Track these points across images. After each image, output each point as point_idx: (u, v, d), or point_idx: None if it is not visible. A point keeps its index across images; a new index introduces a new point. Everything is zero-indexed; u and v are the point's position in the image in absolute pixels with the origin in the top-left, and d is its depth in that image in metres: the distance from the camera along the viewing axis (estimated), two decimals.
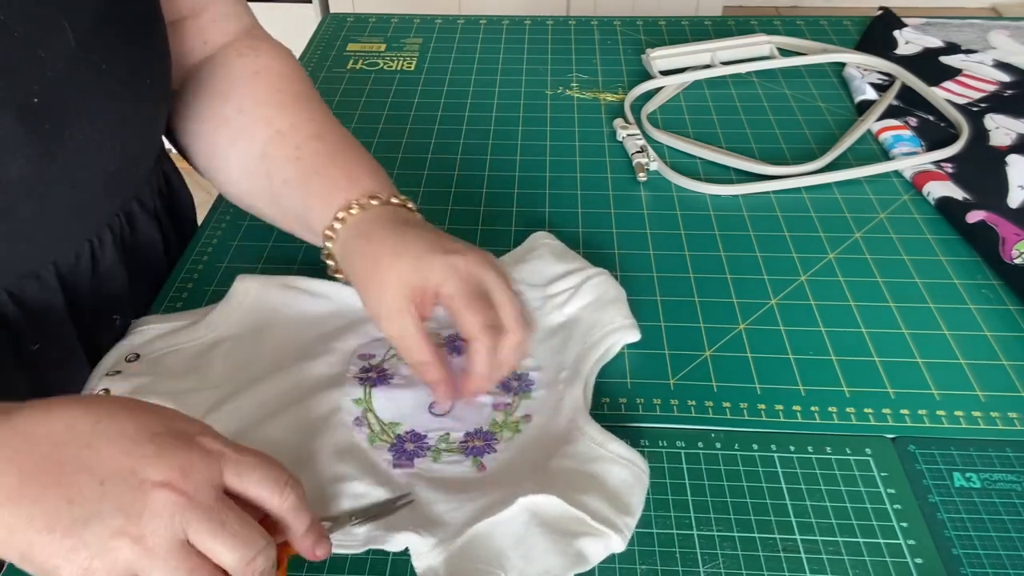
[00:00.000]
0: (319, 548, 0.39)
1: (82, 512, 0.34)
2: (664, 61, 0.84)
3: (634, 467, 0.45)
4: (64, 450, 0.35)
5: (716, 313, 0.57)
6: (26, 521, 0.34)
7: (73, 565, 0.34)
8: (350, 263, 0.50)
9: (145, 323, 0.56)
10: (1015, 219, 0.62)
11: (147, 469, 0.35)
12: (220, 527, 0.35)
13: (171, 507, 0.34)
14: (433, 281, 0.45)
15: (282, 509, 0.38)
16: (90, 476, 0.34)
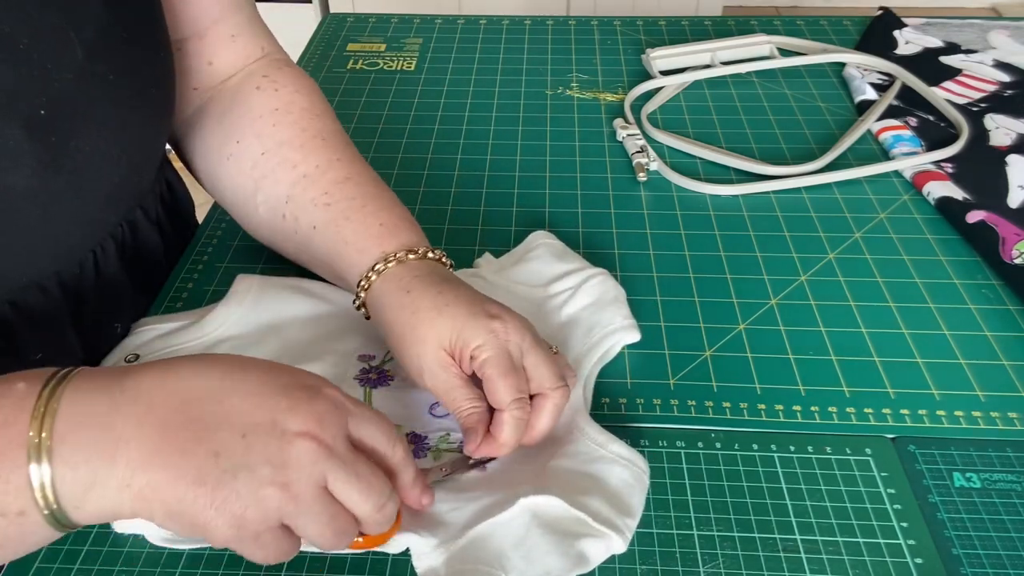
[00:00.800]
0: (425, 497, 0.42)
1: (230, 464, 0.35)
2: (664, 61, 0.84)
3: (634, 467, 0.45)
4: (198, 406, 0.36)
5: (716, 313, 0.57)
6: (173, 478, 0.35)
7: (226, 515, 0.35)
8: (385, 314, 0.49)
9: (145, 323, 0.56)
10: (1015, 219, 0.62)
11: (287, 421, 0.36)
12: (356, 476, 0.37)
13: (313, 456, 0.36)
14: (473, 345, 0.45)
15: (395, 459, 0.40)
16: (231, 430, 0.36)
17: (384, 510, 0.38)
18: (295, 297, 0.56)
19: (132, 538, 0.44)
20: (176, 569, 0.43)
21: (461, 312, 0.45)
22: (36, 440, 0.34)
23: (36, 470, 0.34)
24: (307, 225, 0.54)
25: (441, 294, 0.47)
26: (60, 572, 0.43)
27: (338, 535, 0.37)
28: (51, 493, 0.34)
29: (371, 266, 0.50)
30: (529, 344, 0.45)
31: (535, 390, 0.45)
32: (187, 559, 0.43)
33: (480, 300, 0.47)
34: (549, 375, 0.45)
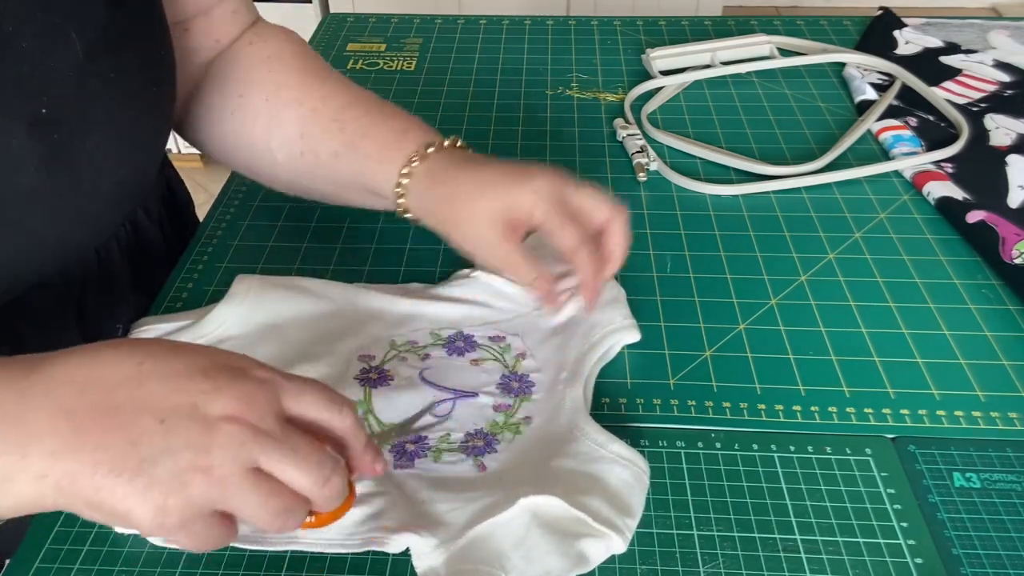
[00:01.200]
0: (377, 463, 0.40)
1: (148, 452, 0.34)
2: (664, 61, 0.84)
3: (635, 468, 0.45)
4: (115, 393, 0.35)
5: (716, 313, 0.57)
6: (90, 467, 0.33)
7: (147, 505, 0.34)
8: (430, 210, 0.52)
9: (146, 323, 0.56)
10: (1015, 219, 0.62)
11: (208, 404, 0.35)
12: (291, 452, 0.35)
13: (239, 438, 0.35)
14: (524, 210, 0.48)
15: (343, 427, 0.38)
16: (150, 416, 0.34)
17: (330, 483, 0.36)
18: (295, 297, 0.56)
19: (132, 538, 0.44)
20: (176, 569, 0.43)
21: (501, 183, 0.49)
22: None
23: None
24: (327, 154, 0.56)
25: (478, 173, 0.50)
26: (60, 572, 0.43)
27: (277, 515, 0.36)
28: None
29: (399, 171, 0.53)
30: (571, 189, 0.49)
31: (598, 221, 0.49)
32: (187, 559, 0.43)
33: (512, 169, 0.50)
34: (601, 204, 0.50)
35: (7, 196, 0.43)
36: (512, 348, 0.54)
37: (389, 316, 0.56)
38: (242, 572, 0.43)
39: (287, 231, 0.65)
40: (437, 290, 0.58)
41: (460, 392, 0.51)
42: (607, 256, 0.51)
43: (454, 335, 0.55)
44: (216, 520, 0.36)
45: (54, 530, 0.45)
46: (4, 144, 0.42)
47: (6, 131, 0.42)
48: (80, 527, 0.45)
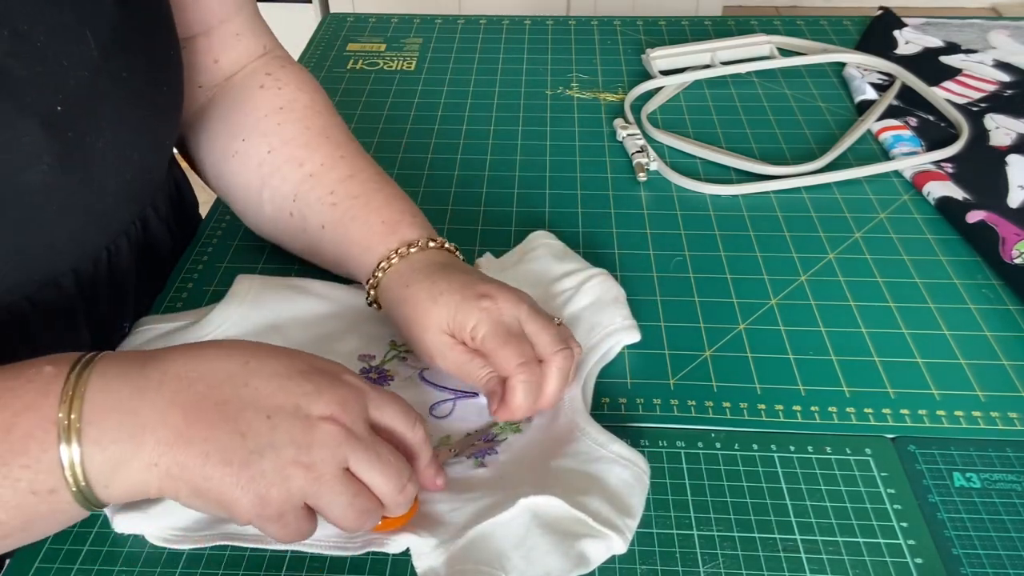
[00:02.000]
0: (439, 478, 0.43)
1: (256, 444, 0.36)
2: (664, 61, 0.84)
3: (635, 468, 0.45)
4: (223, 389, 0.37)
5: (716, 313, 0.57)
6: (201, 457, 0.36)
7: (251, 495, 0.36)
8: (393, 310, 0.51)
9: (146, 323, 0.56)
10: (1015, 219, 0.62)
11: (311, 404, 0.38)
12: (377, 457, 0.38)
13: (336, 438, 0.37)
14: (468, 327, 0.47)
15: (414, 441, 0.41)
16: (256, 412, 0.37)
17: (405, 491, 0.39)
18: (295, 297, 0.56)
19: (132, 538, 0.44)
20: (176, 569, 0.43)
21: (454, 298, 0.47)
22: (65, 422, 0.35)
23: (66, 450, 0.35)
24: (315, 225, 0.56)
25: (435, 284, 0.49)
26: (60, 572, 0.43)
27: (360, 515, 0.38)
28: (80, 472, 0.35)
29: (376, 264, 0.52)
30: (526, 314, 0.47)
31: (541, 355, 0.47)
32: (187, 559, 0.43)
33: (472, 282, 0.48)
34: (549, 340, 0.46)
35: (21, 193, 0.43)
36: None
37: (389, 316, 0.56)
38: (242, 572, 0.43)
39: None
40: None
41: (460, 392, 0.51)
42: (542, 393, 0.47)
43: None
44: (305, 513, 0.38)
45: None
46: (19, 141, 0.42)
47: (21, 128, 0.42)
48: (80, 527, 0.45)
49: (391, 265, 0.51)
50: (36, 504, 0.36)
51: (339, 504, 0.38)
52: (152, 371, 0.38)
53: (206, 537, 0.43)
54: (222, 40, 0.59)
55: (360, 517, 0.38)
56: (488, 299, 0.47)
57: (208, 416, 0.36)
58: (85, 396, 0.36)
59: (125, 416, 0.36)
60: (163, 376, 0.37)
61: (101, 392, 0.36)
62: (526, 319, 0.47)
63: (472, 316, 0.46)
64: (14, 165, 0.42)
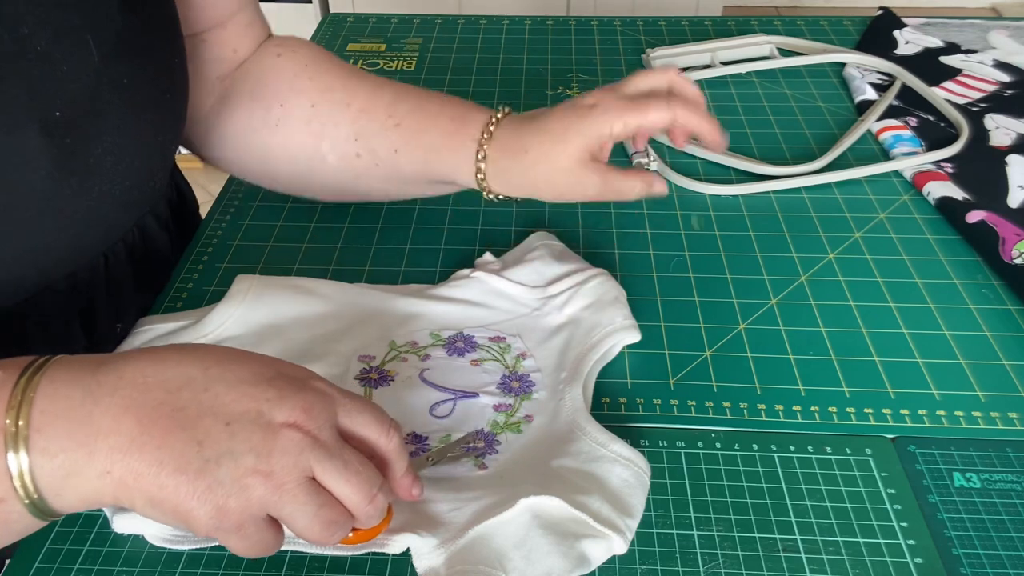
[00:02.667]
0: (415, 488, 0.41)
1: (213, 453, 0.35)
2: (664, 61, 0.84)
3: (635, 467, 0.45)
4: (181, 395, 0.36)
5: (716, 313, 0.57)
6: (156, 466, 0.34)
7: (207, 505, 0.34)
8: (523, 182, 0.53)
9: (147, 323, 0.56)
10: (1015, 219, 0.62)
11: (272, 411, 0.36)
12: (344, 465, 0.36)
13: (299, 446, 0.36)
14: (603, 134, 0.50)
15: (388, 448, 0.39)
16: (215, 419, 0.35)
17: (375, 501, 0.38)
18: (295, 297, 0.56)
19: (132, 538, 0.44)
20: (176, 569, 0.43)
21: (575, 124, 0.50)
22: (13, 429, 0.34)
23: (14, 459, 0.34)
24: (387, 151, 0.56)
25: (548, 129, 0.51)
26: (60, 572, 0.43)
27: (326, 526, 0.36)
28: (30, 481, 0.34)
29: (474, 158, 0.54)
30: (623, 86, 0.52)
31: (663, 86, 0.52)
32: (187, 559, 0.43)
33: (574, 106, 0.51)
34: (655, 76, 0.51)
35: (19, 198, 0.43)
36: (512, 348, 0.54)
37: (389, 316, 0.56)
38: (242, 572, 0.43)
39: (287, 231, 0.65)
40: (437, 290, 0.58)
41: (460, 392, 0.51)
42: (692, 101, 0.51)
43: (454, 336, 0.55)
44: (268, 525, 0.37)
45: (54, 530, 0.45)
46: (18, 146, 0.42)
47: (20, 133, 0.42)
48: (80, 527, 0.45)
49: (488, 150, 0.53)
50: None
51: (303, 514, 0.36)
52: (106, 376, 0.36)
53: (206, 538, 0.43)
54: (237, 30, 0.60)
55: (327, 528, 0.36)
56: (599, 105, 0.50)
57: (164, 422, 0.35)
58: (33, 402, 0.35)
59: (76, 423, 0.35)
60: (118, 381, 0.36)
61: (50, 398, 0.35)
62: (627, 88, 0.51)
63: (604, 122, 0.50)
64: (14, 170, 0.42)
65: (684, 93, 0.51)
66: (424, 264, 0.62)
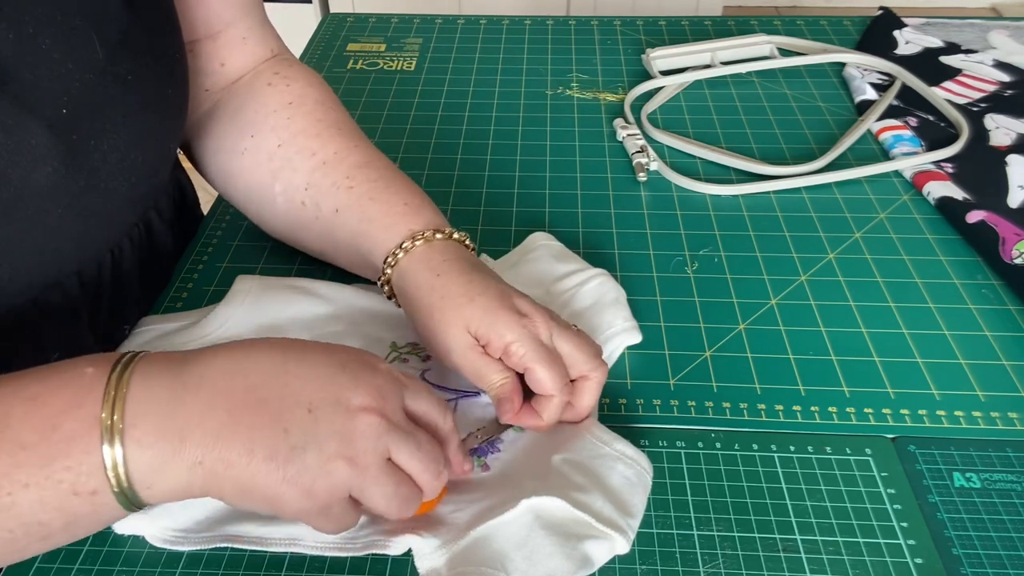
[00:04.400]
0: (467, 463, 0.44)
1: (299, 439, 0.37)
2: (664, 61, 0.84)
3: (638, 466, 0.45)
4: (264, 386, 0.38)
5: (716, 313, 0.57)
6: (247, 455, 0.36)
7: (297, 488, 0.36)
8: (412, 294, 0.49)
9: (147, 323, 0.56)
10: (1015, 219, 0.62)
11: (350, 396, 0.38)
12: (417, 447, 0.39)
13: (377, 429, 0.38)
14: (505, 339, 0.46)
15: (445, 428, 0.42)
16: (297, 406, 0.37)
17: (442, 476, 0.40)
18: (296, 298, 0.56)
19: (132, 538, 0.44)
20: (176, 569, 0.43)
21: (492, 304, 0.47)
22: (108, 422, 0.35)
23: (109, 451, 0.35)
24: (329, 209, 0.55)
25: (471, 283, 0.48)
26: (60, 572, 0.43)
27: (403, 503, 0.39)
28: (123, 473, 0.36)
29: (398, 244, 0.51)
30: (558, 332, 0.47)
31: (575, 374, 0.47)
32: (187, 559, 0.43)
33: (508, 293, 0.48)
34: (585, 357, 0.47)
35: (27, 195, 0.43)
36: None
37: (389, 317, 0.56)
38: (242, 572, 0.43)
39: None
40: None
41: (462, 392, 0.51)
42: (574, 406, 0.48)
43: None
44: (350, 504, 0.39)
45: None
46: (25, 143, 0.42)
47: (27, 131, 0.42)
48: None
49: (415, 247, 0.50)
50: (78, 505, 0.36)
51: (383, 495, 0.38)
52: (192, 371, 0.38)
53: (206, 539, 0.43)
54: (228, 44, 0.59)
55: (403, 505, 0.39)
56: (525, 316, 0.46)
57: (250, 413, 0.37)
58: (127, 396, 0.36)
59: (167, 416, 0.36)
60: (202, 376, 0.38)
61: (143, 392, 0.36)
62: (558, 337, 0.47)
63: (512, 330, 0.45)
64: (20, 167, 0.42)
65: (579, 398, 0.47)
66: None
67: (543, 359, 0.45)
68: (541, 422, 0.46)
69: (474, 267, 0.49)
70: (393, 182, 0.55)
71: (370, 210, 0.53)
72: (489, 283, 0.48)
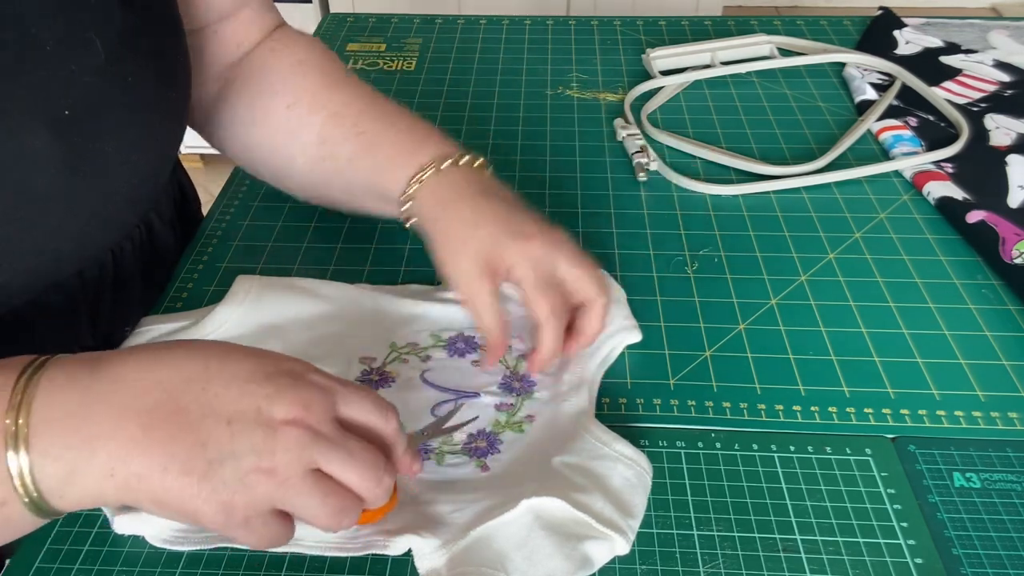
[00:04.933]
0: (415, 464, 0.42)
1: (216, 453, 0.35)
2: (664, 61, 0.84)
3: (638, 467, 0.45)
4: (182, 395, 0.36)
5: (716, 313, 0.57)
6: (160, 469, 0.35)
7: (214, 503, 0.35)
8: (428, 228, 0.51)
9: (148, 323, 0.56)
10: (1015, 219, 0.62)
11: (271, 408, 0.36)
12: (348, 455, 0.37)
13: (301, 441, 0.36)
14: (507, 262, 0.47)
15: (388, 431, 0.40)
16: (216, 418, 0.36)
17: (382, 483, 0.38)
18: (296, 298, 0.56)
19: (132, 538, 0.44)
20: (176, 569, 0.43)
21: (497, 230, 0.48)
22: (13, 428, 0.34)
23: (14, 458, 0.34)
24: (345, 159, 0.56)
25: (477, 209, 0.49)
26: (60, 572, 0.43)
27: (336, 514, 0.37)
28: (31, 482, 0.34)
29: (409, 178, 0.52)
30: (565, 258, 0.48)
31: (579, 299, 0.48)
32: (187, 559, 0.43)
33: (515, 217, 0.49)
34: (588, 283, 0.48)
35: (28, 196, 0.43)
36: (513, 349, 0.54)
37: (390, 317, 0.56)
38: (242, 572, 0.43)
39: (287, 231, 0.65)
40: (438, 292, 0.58)
41: (462, 393, 0.51)
42: (578, 331, 0.49)
43: (455, 336, 0.55)
44: (276, 518, 0.37)
45: (54, 530, 0.45)
46: (27, 145, 0.42)
47: (29, 132, 0.42)
48: (80, 527, 0.45)
49: (425, 177, 0.52)
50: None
51: (310, 506, 0.37)
52: (105, 375, 0.36)
53: (206, 539, 0.43)
54: (243, 23, 0.60)
55: (336, 516, 0.37)
56: (533, 240, 0.48)
57: (166, 425, 0.35)
58: (34, 402, 0.35)
59: (76, 423, 0.35)
60: (117, 380, 0.36)
61: (49, 397, 0.35)
62: (564, 263, 0.48)
63: (512, 253, 0.47)
64: (23, 169, 0.42)
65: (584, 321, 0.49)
66: (424, 264, 0.61)
67: (538, 286, 0.47)
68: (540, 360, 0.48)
69: (482, 192, 0.50)
70: (399, 120, 0.56)
71: (380, 152, 0.54)
72: (497, 208, 0.49)
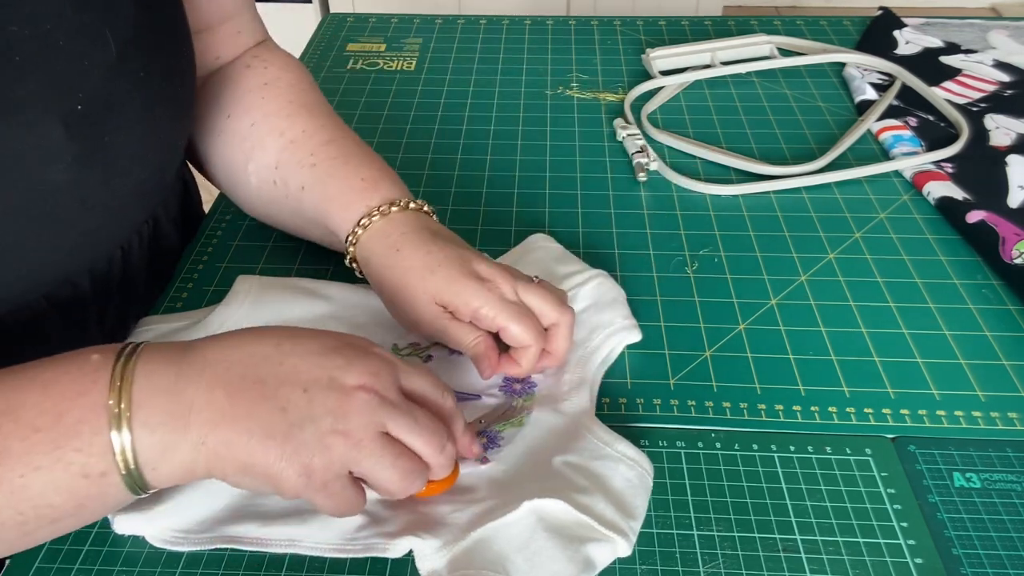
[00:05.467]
0: (474, 445, 0.45)
1: (296, 418, 0.38)
2: (664, 61, 0.84)
3: (640, 468, 0.45)
4: (260, 369, 0.39)
5: (716, 313, 0.57)
6: (246, 434, 0.38)
7: (295, 465, 0.38)
8: (377, 273, 0.51)
9: (148, 323, 0.56)
10: (1015, 219, 0.62)
11: (343, 376, 0.39)
12: (414, 421, 0.40)
13: (371, 406, 0.39)
14: (474, 306, 0.48)
15: (447, 408, 0.43)
16: (293, 387, 0.39)
17: (446, 451, 0.41)
18: (296, 298, 0.56)
19: (132, 538, 0.44)
20: (176, 569, 0.43)
21: (453, 273, 0.48)
22: (116, 409, 0.37)
23: (117, 436, 0.37)
24: (296, 187, 0.56)
25: (430, 253, 0.49)
26: (60, 572, 0.43)
27: (405, 477, 0.40)
28: (131, 456, 0.37)
29: (356, 221, 0.52)
30: (522, 287, 0.49)
31: (545, 323, 0.49)
32: (187, 559, 0.43)
33: (468, 259, 0.49)
34: (550, 306, 0.49)
35: (42, 192, 0.44)
36: None
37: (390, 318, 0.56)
38: (242, 572, 0.43)
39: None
40: None
41: (463, 394, 0.51)
42: (548, 352, 0.50)
43: None
44: (351, 483, 0.40)
45: None
46: (41, 140, 0.43)
47: (43, 127, 0.42)
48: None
49: (372, 223, 0.52)
50: (87, 487, 0.37)
51: (382, 467, 0.39)
52: (193, 356, 0.39)
53: (206, 539, 0.43)
54: (224, 37, 0.60)
55: (405, 479, 0.40)
56: (487, 280, 0.48)
57: (249, 394, 0.38)
58: (133, 382, 0.38)
59: (171, 399, 0.38)
60: (204, 361, 0.39)
61: (147, 378, 0.38)
62: (522, 291, 0.49)
63: (478, 297, 0.48)
64: (36, 164, 0.43)
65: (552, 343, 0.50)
66: None
67: (513, 316, 0.47)
68: (520, 369, 0.49)
69: (433, 236, 0.51)
70: (353, 158, 0.56)
71: (330, 188, 0.54)
72: (449, 251, 0.50)
